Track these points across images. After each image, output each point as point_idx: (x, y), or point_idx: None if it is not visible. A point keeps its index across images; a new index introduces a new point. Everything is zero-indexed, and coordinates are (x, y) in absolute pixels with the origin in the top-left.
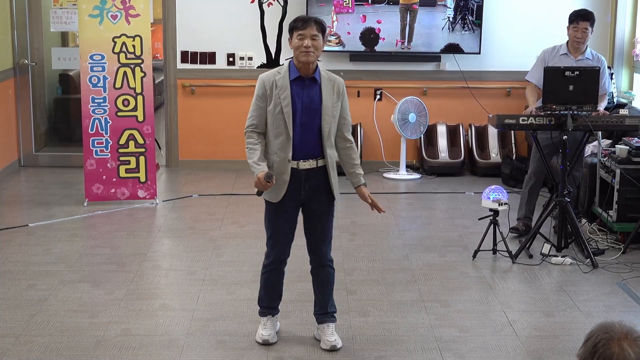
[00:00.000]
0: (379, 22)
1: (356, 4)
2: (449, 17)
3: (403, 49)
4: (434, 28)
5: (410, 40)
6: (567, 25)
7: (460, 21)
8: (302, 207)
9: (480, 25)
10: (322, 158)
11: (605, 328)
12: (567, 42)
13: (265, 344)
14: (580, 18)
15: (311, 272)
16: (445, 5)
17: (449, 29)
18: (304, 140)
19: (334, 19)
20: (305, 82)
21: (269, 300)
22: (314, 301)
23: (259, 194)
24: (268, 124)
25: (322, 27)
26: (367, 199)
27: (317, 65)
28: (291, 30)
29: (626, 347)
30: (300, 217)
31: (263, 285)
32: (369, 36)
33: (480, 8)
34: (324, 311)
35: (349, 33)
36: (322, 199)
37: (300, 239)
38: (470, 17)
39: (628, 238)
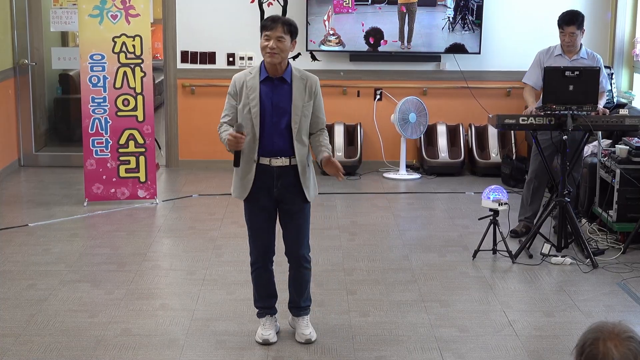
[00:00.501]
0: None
1: (356, 4)
2: (449, 17)
3: (403, 49)
4: (434, 28)
5: (409, 41)
6: (558, 28)
7: (460, 21)
8: (277, 205)
9: (480, 25)
10: (294, 157)
11: (596, 328)
12: (560, 43)
13: (266, 343)
14: (565, 23)
15: (288, 269)
16: (445, 5)
17: (449, 29)
18: (275, 139)
19: (324, 18)
20: (274, 82)
21: (262, 300)
22: (289, 296)
23: (236, 162)
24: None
25: (290, 29)
26: (333, 163)
27: (287, 65)
28: (260, 29)
29: (611, 346)
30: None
31: (254, 286)
32: (375, 36)
33: (480, 8)
34: (297, 305)
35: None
36: (294, 198)
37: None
38: (470, 17)
39: (628, 238)
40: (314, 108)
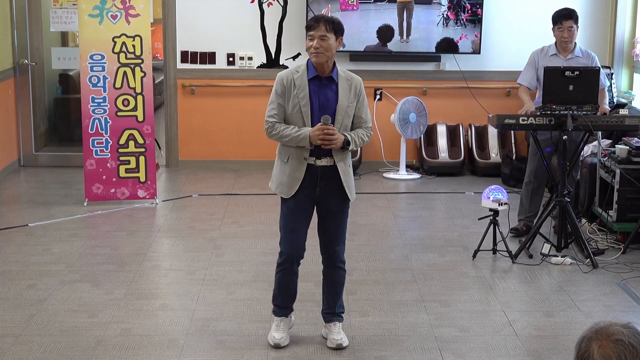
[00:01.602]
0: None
1: (360, 2)
2: (443, 14)
3: (402, 42)
4: (429, 24)
5: (408, 35)
6: (552, 26)
7: (454, 17)
8: (316, 205)
9: (474, 22)
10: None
11: (594, 326)
12: (556, 42)
13: (277, 347)
14: (564, 18)
15: (323, 271)
16: (439, 3)
17: (443, 24)
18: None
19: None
20: (322, 81)
21: (283, 299)
22: (322, 300)
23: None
24: (286, 122)
25: (333, 27)
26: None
27: (334, 64)
28: (306, 30)
29: (595, 347)
30: (314, 217)
31: (277, 285)
32: (386, 33)
33: (474, 5)
34: (332, 311)
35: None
36: (336, 198)
37: (309, 239)
38: (463, 15)
39: (628, 238)
40: (357, 109)
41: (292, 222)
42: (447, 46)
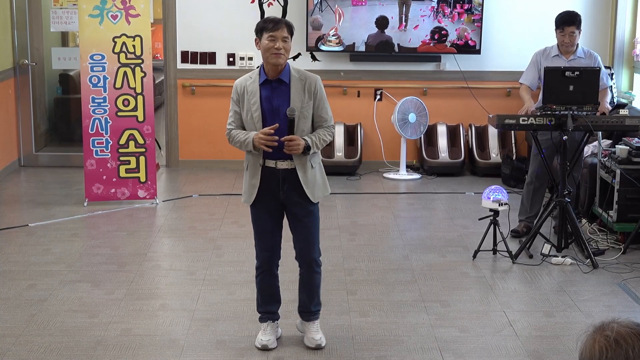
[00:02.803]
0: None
1: None
2: (433, 7)
3: (400, 30)
4: (423, 16)
5: (406, 25)
6: (555, 29)
7: (443, 11)
8: (285, 208)
9: (461, 15)
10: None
11: (601, 322)
12: (558, 44)
13: (264, 349)
14: (566, 24)
15: (299, 273)
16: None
17: (434, 16)
18: (278, 141)
19: (341, 14)
20: (272, 84)
21: (266, 304)
22: (298, 298)
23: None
24: (245, 128)
25: (291, 30)
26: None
27: (286, 66)
28: (260, 31)
29: (589, 341)
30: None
31: (258, 290)
32: (382, 22)
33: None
34: (308, 310)
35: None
36: (300, 201)
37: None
38: (449, 8)
39: (628, 238)
40: (314, 108)
41: (261, 226)
42: (440, 35)
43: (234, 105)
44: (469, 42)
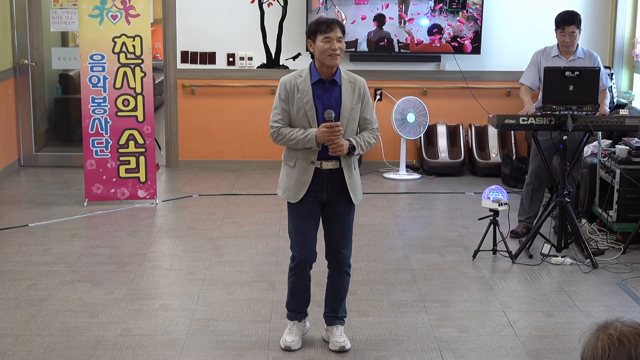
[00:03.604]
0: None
1: None
2: (430, 7)
3: (400, 28)
4: (420, 14)
5: (405, 22)
6: (555, 29)
7: (439, 8)
8: (322, 208)
9: (457, 12)
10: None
11: (604, 320)
12: (558, 44)
13: (288, 350)
14: (566, 23)
15: (328, 275)
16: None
17: (431, 14)
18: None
19: (343, 17)
20: (325, 84)
21: (296, 304)
22: (325, 303)
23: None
24: (292, 126)
25: (344, 30)
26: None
27: (337, 67)
28: (314, 33)
29: (591, 339)
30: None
31: (290, 289)
32: (380, 19)
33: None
34: (334, 315)
35: (354, 22)
36: (342, 201)
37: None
38: (445, 6)
39: (628, 238)
40: (362, 111)
41: (301, 226)
42: (437, 29)
43: (282, 103)
44: (465, 40)
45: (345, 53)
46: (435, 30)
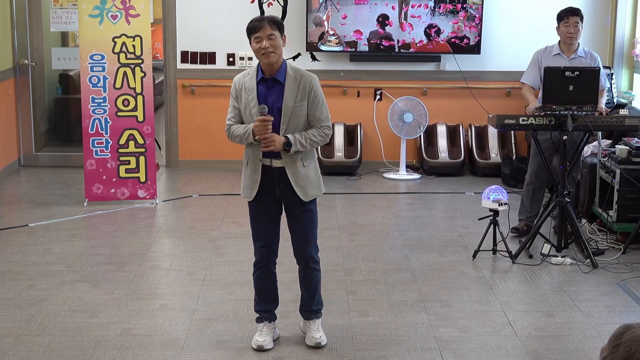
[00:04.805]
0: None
1: None
2: (430, 7)
3: (400, 19)
4: (420, 14)
5: (406, 20)
6: (557, 25)
7: (439, 7)
8: (281, 207)
9: (457, 12)
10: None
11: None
12: (559, 42)
13: (260, 350)
14: (570, 13)
15: (298, 271)
16: None
17: (430, 14)
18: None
19: (324, 17)
20: (268, 82)
21: (263, 303)
22: (300, 297)
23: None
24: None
25: (277, 25)
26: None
27: (282, 64)
28: (248, 32)
29: (628, 333)
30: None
31: (255, 288)
32: (382, 20)
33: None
34: (309, 309)
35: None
36: (296, 199)
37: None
38: (445, 6)
39: (628, 238)
40: (309, 108)
41: (258, 223)
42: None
43: (233, 101)
44: (464, 39)
45: (345, 53)
46: (435, 30)
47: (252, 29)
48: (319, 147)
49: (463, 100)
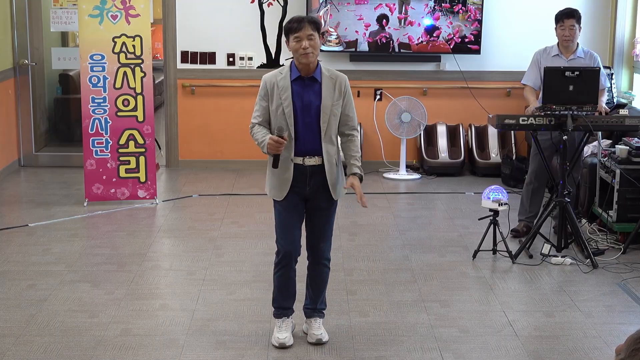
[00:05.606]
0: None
1: None
2: (430, 6)
3: (400, 19)
4: (420, 13)
5: (406, 20)
6: (555, 26)
7: (438, 7)
8: (305, 203)
9: (457, 12)
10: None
11: None
12: (558, 43)
13: (282, 347)
14: (565, 16)
15: (307, 267)
16: None
17: (430, 14)
18: (308, 138)
19: (321, 14)
20: (305, 81)
21: (283, 299)
22: (305, 295)
23: (275, 164)
24: (271, 123)
25: (317, 26)
26: (354, 188)
27: (317, 64)
28: (287, 32)
29: None
30: None
31: (276, 285)
32: (382, 19)
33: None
34: (314, 307)
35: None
36: (324, 196)
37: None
38: (444, 5)
39: (628, 238)
40: (343, 107)
41: (286, 220)
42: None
43: (262, 100)
44: (465, 39)
45: (345, 53)
46: (435, 30)
47: (292, 30)
48: None
49: (463, 100)
